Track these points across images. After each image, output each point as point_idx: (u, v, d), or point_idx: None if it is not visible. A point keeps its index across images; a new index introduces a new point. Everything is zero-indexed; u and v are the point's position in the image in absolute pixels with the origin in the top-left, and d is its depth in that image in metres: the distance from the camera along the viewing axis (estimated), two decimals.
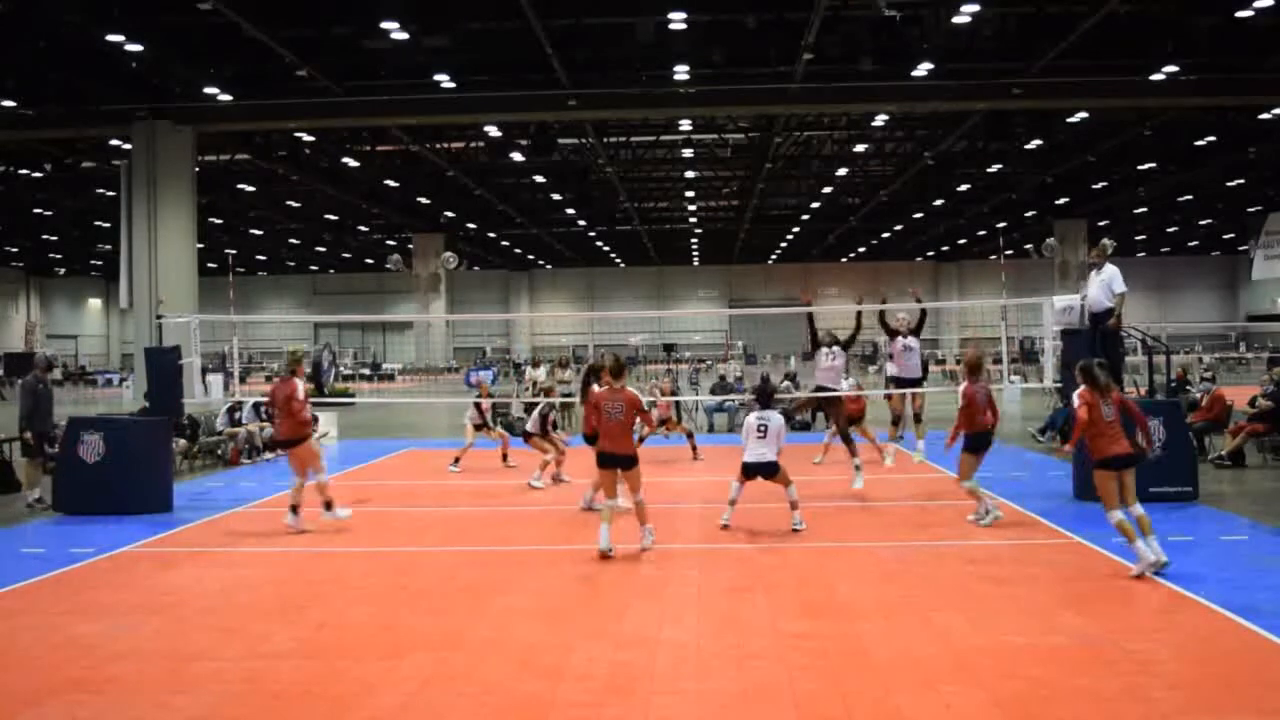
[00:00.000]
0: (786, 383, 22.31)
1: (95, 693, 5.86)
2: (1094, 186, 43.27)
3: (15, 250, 61.65)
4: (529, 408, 14.82)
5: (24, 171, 33.71)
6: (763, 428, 9.94)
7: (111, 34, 19.12)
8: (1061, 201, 47.40)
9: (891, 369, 13.56)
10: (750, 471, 10.02)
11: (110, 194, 35.02)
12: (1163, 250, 69.87)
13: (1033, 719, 5.23)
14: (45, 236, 54.63)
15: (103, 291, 77.37)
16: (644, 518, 9.38)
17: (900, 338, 13.07)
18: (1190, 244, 68.27)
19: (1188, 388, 17.49)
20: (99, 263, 67.22)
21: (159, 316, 14.59)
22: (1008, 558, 8.99)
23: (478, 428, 15.42)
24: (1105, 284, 11.66)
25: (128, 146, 25.49)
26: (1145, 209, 50.46)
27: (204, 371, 15.91)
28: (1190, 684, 5.73)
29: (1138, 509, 8.02)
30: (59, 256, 65.60)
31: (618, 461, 9.21)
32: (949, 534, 10.20)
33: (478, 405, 15.64)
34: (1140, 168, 38.49)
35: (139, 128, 24.09)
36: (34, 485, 12.77)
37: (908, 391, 13.37)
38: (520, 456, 15.16)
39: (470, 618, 7.29)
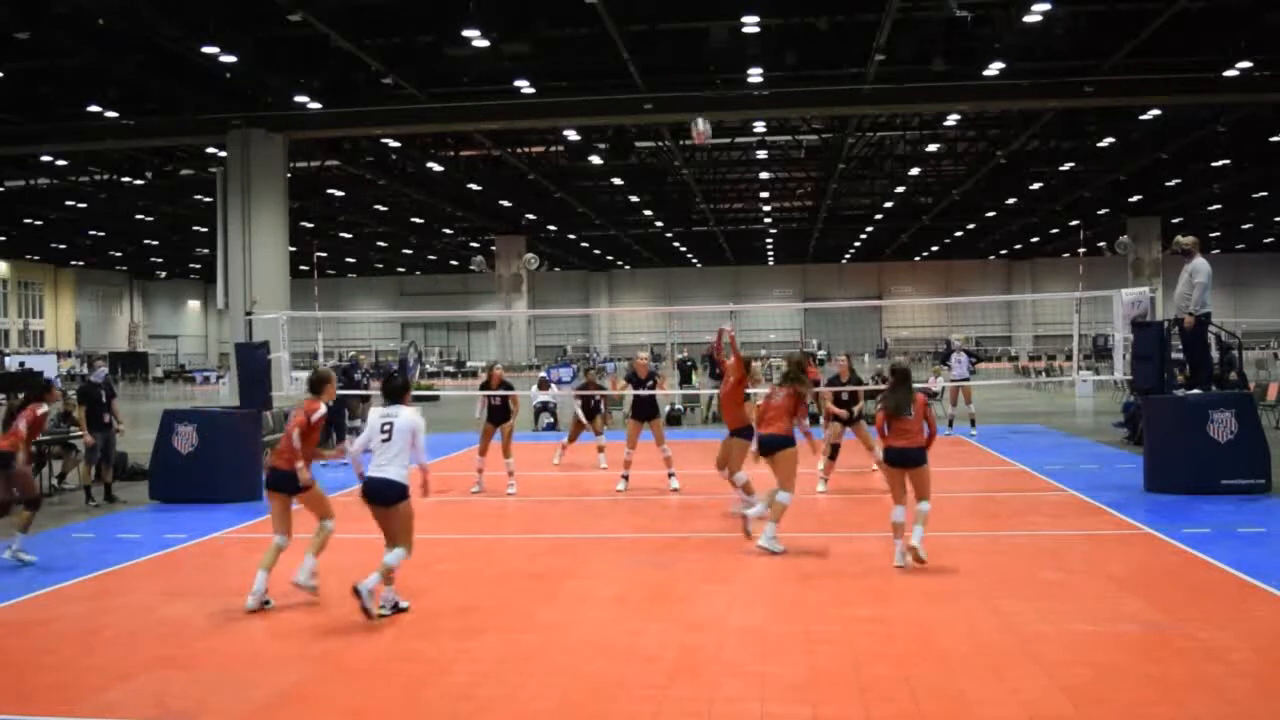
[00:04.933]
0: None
1: (183, 669, 6.11)
2: (1167, 184, 42.06)
3: (119, 254, 64.26)
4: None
5: (126, 179, 34.84)
6: (387, 428, 7.29)
7: (207, 46, 19.74)
8: (1135, 199, 46.24)
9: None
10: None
11: (207, 200, 36.16)
12: (1238, 247, 67.72)
13: (1099, 705, 5.18)
14: (147, 241, 56.81)
15: (201, 293, 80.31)
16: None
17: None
18: (1266, 240, 66.09)
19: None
20: (197, 266, 69.71)
21: (248, 313, 15.05)
22: (1076, 547, 8.93)
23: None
24: (1188, 276, 11.42)
25: (223, 154, 26.29)
26: (1219, 205, 48.97)
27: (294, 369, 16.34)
28: (1258, 673, 5.63)
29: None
30: (160, 260, 68.27)
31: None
32: (1017, 523, 10.20)
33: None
34: (1214, 164, 37.32)
35: (233, 136, 24.84)
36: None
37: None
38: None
39: (543, 602, 7.45)
